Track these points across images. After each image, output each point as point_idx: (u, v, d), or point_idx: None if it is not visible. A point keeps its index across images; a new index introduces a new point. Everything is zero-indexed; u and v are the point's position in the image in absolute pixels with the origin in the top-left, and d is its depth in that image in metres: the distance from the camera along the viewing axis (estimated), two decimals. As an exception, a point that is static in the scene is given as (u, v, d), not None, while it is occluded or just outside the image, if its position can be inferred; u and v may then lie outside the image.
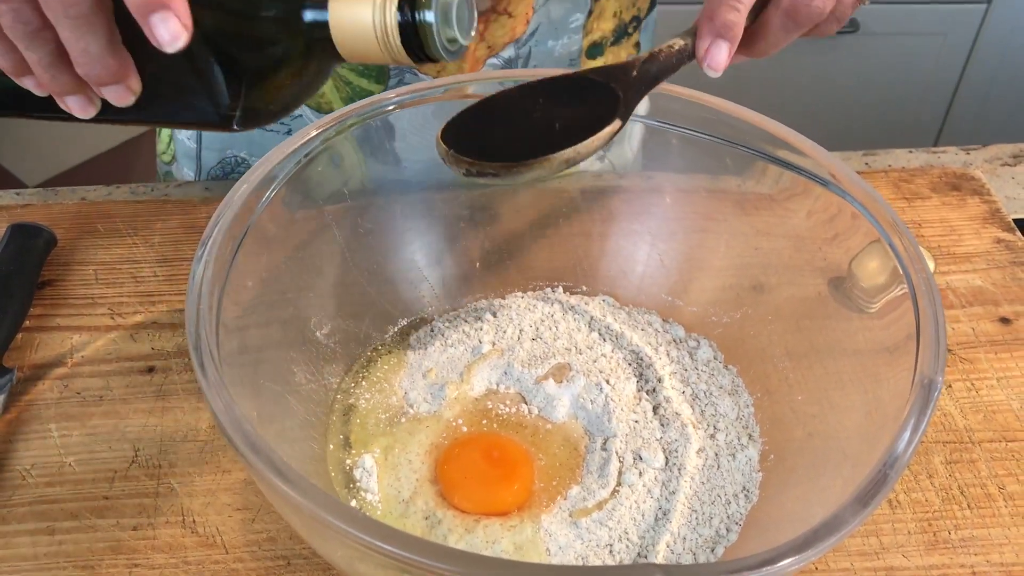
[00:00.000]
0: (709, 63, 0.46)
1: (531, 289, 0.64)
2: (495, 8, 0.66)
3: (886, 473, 0.40)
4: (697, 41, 0.47)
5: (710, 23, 0.46)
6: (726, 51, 0.46)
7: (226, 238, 0.49)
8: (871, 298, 0.53)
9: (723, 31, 0.46)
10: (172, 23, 0.36)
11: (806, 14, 0.47)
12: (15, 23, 0.37)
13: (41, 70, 0.39)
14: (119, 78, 0.39)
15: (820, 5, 0.46)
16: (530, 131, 0.48)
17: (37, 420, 0.58)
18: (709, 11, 0.46)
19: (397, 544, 0.37)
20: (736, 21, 0.46)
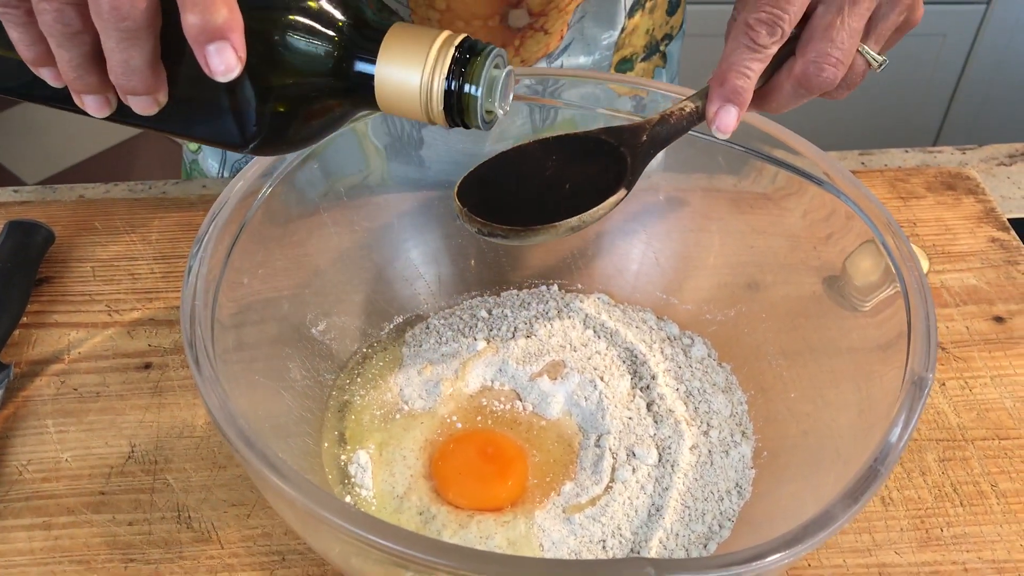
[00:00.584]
0: (718, 126, 0.47)
1: (526, 287, 0.65)
2: (532, 25, 0.67)
3: (876, 469, 0.41)
4: (708, 104, 0.48)
5: (720, 88, 0.47)
6: (735, 115, 0.47)
7: (222, 235, 0.49)
8: (864, 297, 0.53)
9: (732, 96, 0.47)
10: (228, 55, 0.36)
11: (817, 83, 0.47)
12: (55, 23, 0.36)
13: (69, 69, 0.38)
14: (151, 91, 0.38)
15: (831, 76, 0.47)
16: (541, 190, 0.50)
17: (34, 416, 0.59)
18: (720, 75, 0.47)
19: (391, 539, 0.38)
20: (745, 87, 0.47)
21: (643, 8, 0.72)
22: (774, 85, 0.49)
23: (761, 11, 0.46)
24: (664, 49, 0.78)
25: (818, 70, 0.47)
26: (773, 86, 0.49)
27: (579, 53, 0.71)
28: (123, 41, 0.36)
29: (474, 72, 0.39)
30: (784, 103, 0.50)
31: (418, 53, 0.39)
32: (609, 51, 0.72)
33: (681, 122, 0.49)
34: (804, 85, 0.48)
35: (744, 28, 0.46)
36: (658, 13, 0.75)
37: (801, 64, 0.47)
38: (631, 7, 0.71)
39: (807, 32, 0.47)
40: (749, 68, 0.47)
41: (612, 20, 0.71)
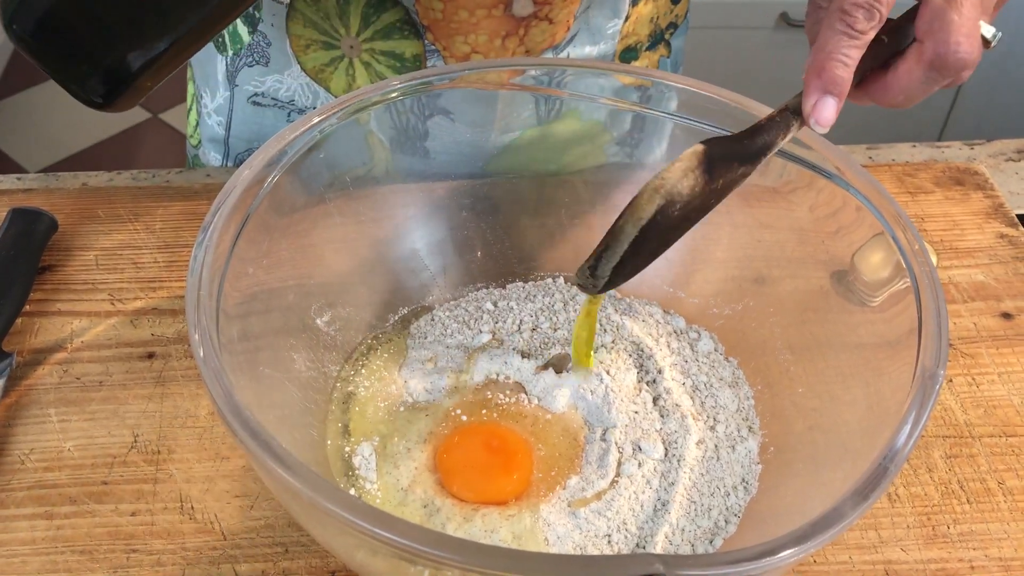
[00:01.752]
0: (817, 119, 0.45)
1: (532, 279, 0.64)
2: (536, 15, 0.66)
3: (886, 467, 0.40)
4: (804, 98, 0.45)
5: (818, 79, 0.44)
6: (834, 107, 0.44)
7: (227, 224, 0.49)
8: (873, 291, 0.53)
9: (831, 87, 0.44)
10: None
11: (954, 63, 0.44)
12: None
13: None
14: None
15: (966, 53, 0.43)
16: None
17: (36, 405, 0.58)
18: (817, 66, 0.44)
19: (396, 532, 0.37)
20: (844, 77, 0.44)
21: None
22: (902, 73, 0.45)
23: None
24: (669, 39, 0.78)
25: (955, 47, 0.43)
26: (900, 75, 0.46)
27: (584, 43, 0.71)
28: None
29: None
30: (915, 92, 0.46)
31: None
32: (614, 40, 0.72)
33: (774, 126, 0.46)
34: (939, 68, 0.44)
35: (839, 14, 0.43)
36: (662, 1, 0.74)
37: (932, 46, 0.44)
38: None
39: (926, 14, 0.44)
40: (847, 55, 0.44)
41: (616, 8, 0.70)
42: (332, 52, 0.70)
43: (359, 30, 0.68)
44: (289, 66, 0.71)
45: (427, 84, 0.57)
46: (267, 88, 0.73)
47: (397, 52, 0.69)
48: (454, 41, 0.68)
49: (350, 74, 0.71)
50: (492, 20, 0.66)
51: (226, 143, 0.78)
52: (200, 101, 0.79)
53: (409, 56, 0.69)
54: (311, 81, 0.72)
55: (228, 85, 0.75)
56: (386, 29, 0.68)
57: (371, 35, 0.68)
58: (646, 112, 0.60)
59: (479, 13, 0.66)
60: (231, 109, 0.76)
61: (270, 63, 0.72)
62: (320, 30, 0.69)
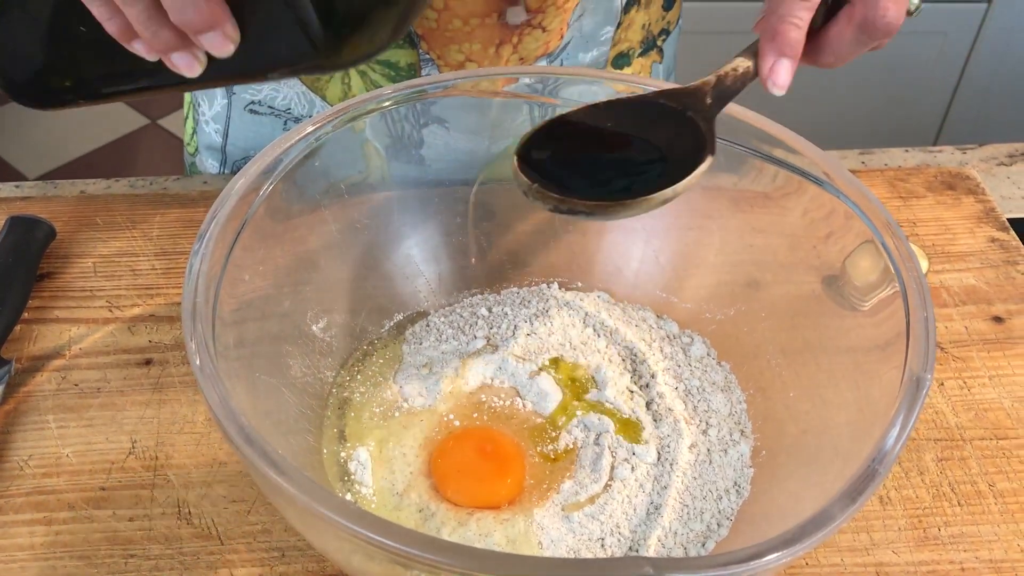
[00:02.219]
0: (774, 81, 0.46)
1: (526, 285, 0.65)
2: (530, 23, 0.67)
3: (875, 469, 0.41)
4: (760, 61, 0.46)
5: (772, 42, 0.46)
6: (789, 69, 0.46)
7: (223, 232, 0.49)
8: (863, 296, 0.53)
9: (786, 49, 0.45)
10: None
11: (882, 26, 0.46)
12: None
13: (142, 27, 0.39)
14: (214, 23, 0.39)
15: (894, 16, 0.45)
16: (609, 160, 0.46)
17: (35, 411, 0.59)
18: (771, 29, 0.46)
19: (391, 536, 0.38)
20: (799, 39, 0.45)
21: (638, 3, 0.72)
22: (833, 35, 0.47)
23: None
24: (661, 45, 0.78)
25: (883, 11, 0.45)
26: (832, 36, 0.47)
27: (578, 50, 0.71)
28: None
29: None
30: (845, 53, 0.48)
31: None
32: (606, 46, 0.73)
33: (736, 82, 0.47)
34: (867, 30, 0.46)
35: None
36: (654, 8, 0.75)
37: (862, 9, 0.46)
38: (627, 2, 0.71)
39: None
40: (799, 18, 0.45)
41: (609, 15, 0.71)
42: None
43: None
44: None
45: (421, 92, 0.58)
46: (264, 96, 0.74)
47: (392, 61, 0.69)
48: (448, 50, 0.68)
49: (345, 83, 0.71)
50: (486, 29, 0.67)
51: (223, 151, 0.79)
52: (197, 109, 0.79)
53: (404, 65, 0.70)
54: (307, 90, 0.72)
55: (226, 93, 0.75)
56: None
57: None
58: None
59: (473, 22, 0.66)
60: (228, 117, 0.76)
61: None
62: None
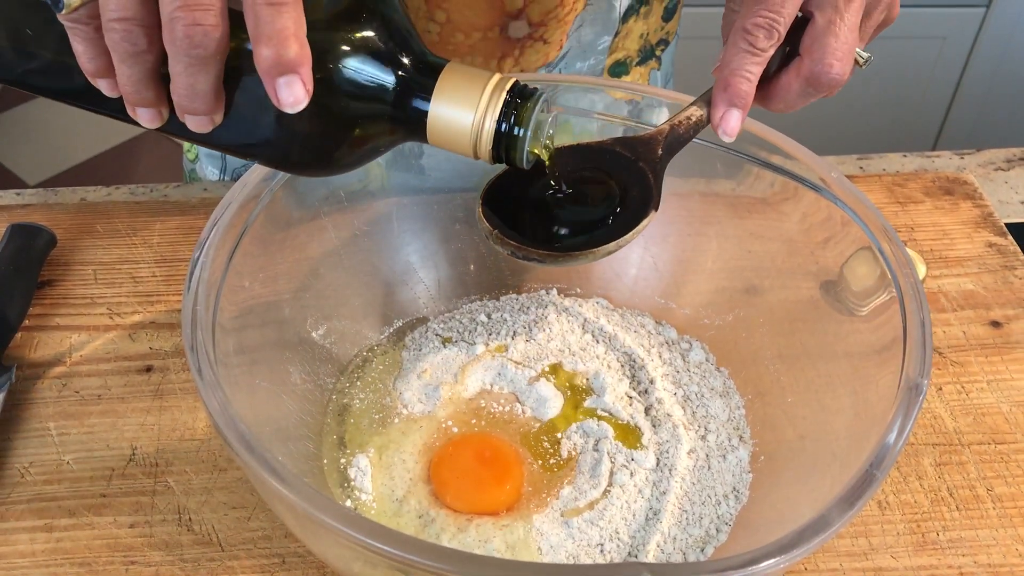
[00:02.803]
0: (724, 130, 0.49)
1: (525, 291, 0.65)
2: (531, 36, 0.67)
3: (872, 474, 0.41)
4: (712, 110, 0.49)
5: (724, 92, 0.48)
6: (739, 118, 0.49)
7: (223, 239, 0.50)
8: (861, 302, 0.53)
9: (736, 100, 0.48)
10: (297, 88, 0.37)
11: (827, 81, 0.48)
12: (122, 41, 0.37)
13: (128, 84, 0.39)
14: (210, 112, 0.39)
15: (839, 72, 0.48)
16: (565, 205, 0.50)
17: (36, 418, 0.59)
18: (723, 81, 0.48)
19: (391, 543, 0.38)
20: (748, 91, 0.48)
21: (637, 13, 0.72)
22: (782, 85, 0.50)
23: (758, 16, 0.47)
24: (659, 55, 0.79)
25: (827, 68, 0.48)
26: (781, 86, 0.50)
27: (575, 60, 0.72)
28: (192, 67, 0.37)
29: (524, 116, 0.41)
30: (792, 102, 0.51)
31: (471, 94, 0.41)
32: (603, 55, 0.73)
33: (688, 131, 0.50)
34: (813, 84, 0.49)
35: (742, 33, 0.47)
36: (653, 18, 0.75)
37: (809, 64, 0.48)
38: (625, 12, 0.71)
39: (810, 33, 0.48)
40: (750, 72, 0.48)
41: (608, 25, 0.71)
42: None
43: None
44: None
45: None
46: None
47: None
48: None
49: None
50: (488, 42, 0.67)
51: (223, 158, 0.79)
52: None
53: None
54: None
55: None
56: None
57: None
58: (637, 126, 0.61)
59: (475, 36, 0.66)
60: None
61: None
62: None
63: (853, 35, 0.48)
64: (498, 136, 0.41)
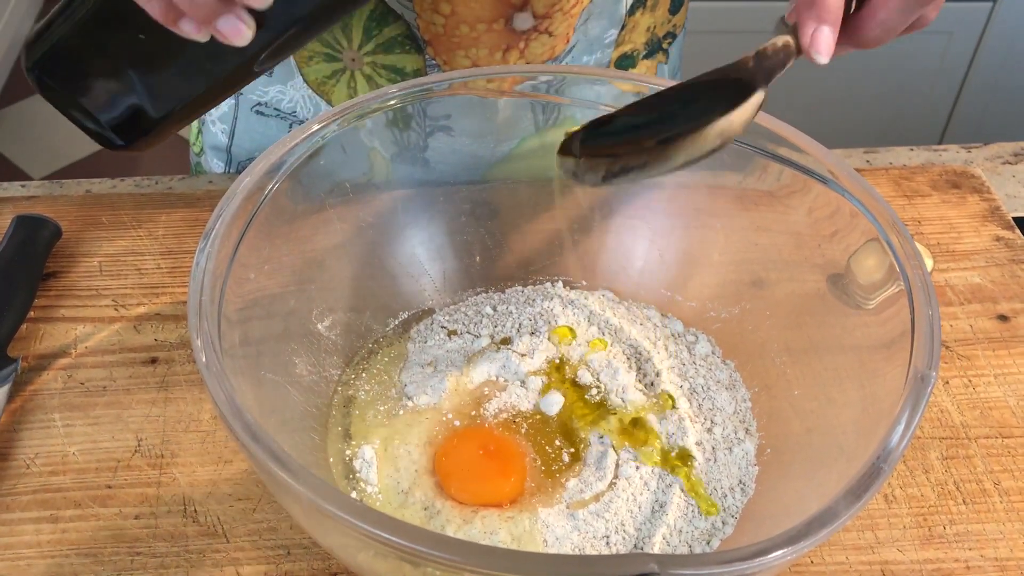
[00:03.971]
0: (816, 48, 0.45)
1: (531, 283, 0.65)
2: (536, 28, 0.67)
3: (879, 466, 0.41)
4: (801, 30, 0.45)
5: (810, 9, 0.45)
6: (831, 36, 0.45)
7: (229, 230, 0.49)
8: (868, 295, 0.53)
9: (825, 15, 0.45)
10: None
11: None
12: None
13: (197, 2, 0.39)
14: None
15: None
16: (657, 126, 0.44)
17: (41, 410, 0.59)
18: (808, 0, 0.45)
19: (398, 534, 0.38)
20: (838, 4, 0.45)
21: (644, 6, 0.72)
22: (878, 4, 0.46)
23: None
24: (666, 48, 0.78)
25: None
26: (877, 5, 0.46)
27: (582, 53, 0.72)
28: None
29: None
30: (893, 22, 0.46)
31: None
32: (610, 49, 0.73)
33: (778, 55, 0.45)
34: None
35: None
36: (660, 11, 0.75)
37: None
38: (632, 5, 0.71)
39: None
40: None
41: (614, 18, 0.71)
42: (334, 64, 0.70)
43: (361, 43, 0.69)
44: (292, 77, 0.72)
45: (426, 91, 0.58)
46: (270, 98, 0.74)
47: (398, 67, 0.69)
48: (455, 56, 0.68)
49: (352, 87, 0.71)
50: (493, 34, 0.67)
51: (229, 151, 0.79)
52: (202, 109, 0.79)
53: (410, 71, 0.70)
54: (313, 93, 0.72)
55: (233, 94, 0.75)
56: (387, 43, 0.69)
57: (373, 48, 0.69)
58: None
59: (480, 27, 0.66)
60: (235, 118, 0.76)
61: (273, 73, 0.72)
62: (323, 42, 0.69)
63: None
64: None
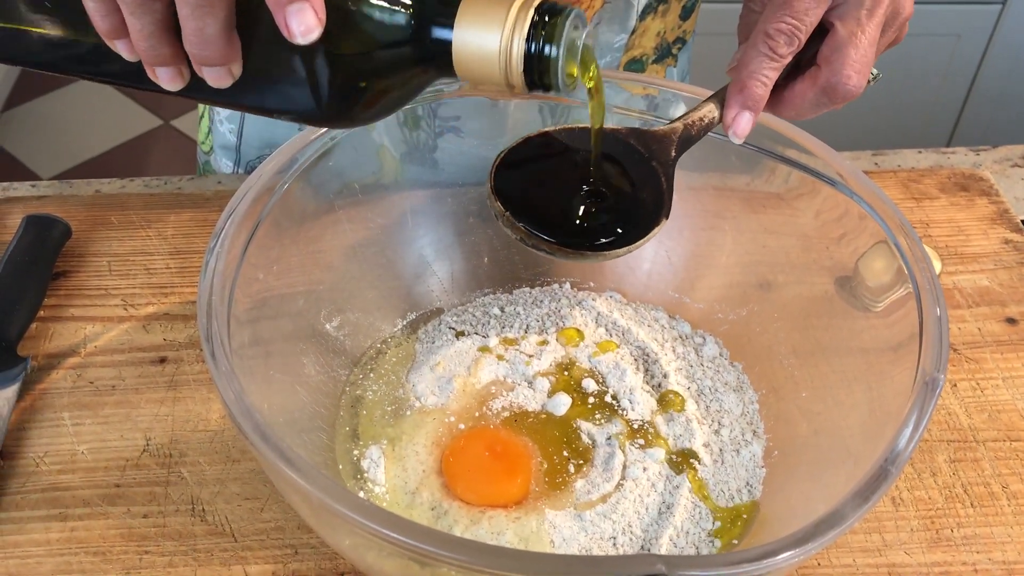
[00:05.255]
0: (735, 131, 0.49)
1: (538, 284, 0.65)
2: None
3: (887, 469, 0.41)
4: (725, 111, 0.49)
5: (739, 95, 0.48)
6: (750, 121, 0.49)
7: (238, 231, 0.50)
8: (876, 297, 0.53)
9: (750, 104, 0.48)
10: (308, 16, 0.35)
11: (843, 92, 0.48)
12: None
13: (141, 39, 0.38)
14: (225, 61, 0.38)
15: (856, 85, 0.48)
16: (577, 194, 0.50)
17: (50, 408, 0.59)
18: (740, 83, 0.48)
19: (406, 533, 0.38)
20: (763, 95, 0.48)
21: (655, 11, 0.72)
22: (796, 93, 0.50)
23: (780, 22, 0.47)
24: (676, 53, 0.78)
25: (846, 80, 0.48)
26: (795, 94, 0.50)
27: None
28: (198, 8, 0.36)
29: (554, 33, 0.39)
30: (804, 111, 0.51)
31: (496, 16, 0.38)
32: (619, 53, 0.73)
33: (701, 130, 0.51)
34: (829, 95, 0.49)
35: (763, 37, 0.47)
36: (671, 17, 0.75)
37: (827, 74, 0.48)
38: (643, 10, 0.71)
39: (829, 44, 0.48)
40: (766, 76, 0.48)
41: (625, 24, 0.71)
42: None
43: None
44: None
45: (437, 92, 0.58)
46: None
47: None
48: None
49: None
50: None
51: (238, 150, 0.79)
52: (212, 108, 0.80)
53: None
54: None
55: None
56: None
57: None
58: (653, 120, 0.61)
59: None
60: (243, 117, 0.77)
61: None
62: None
63: (872, 49, 0.48)
64: (529, 59, 0.39)
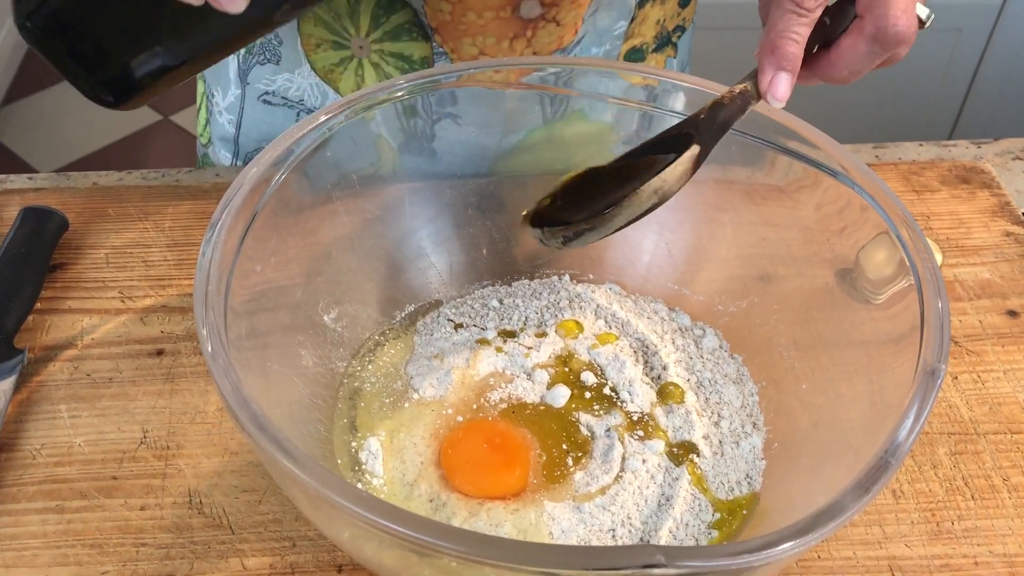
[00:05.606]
0: (773, 94, 0.47)
1: (537, 277, 0.65)
2: (544, 16, 0.67)
3: (887, 460, 0.41)
4: (760, 75, 0.48)
5: (771, 56, 0.47)
6: (788, 82, 0.47)
7: (235, 222, 0.49)
8: (878, 289, 0.53)
9: (784, 63, 0.47)
10: None
11: (893, 36, 0.47)
12: None
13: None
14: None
15: (905, 26, 0.46)
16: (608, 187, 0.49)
17: (47, 401, 0.59)
18: (770, 44, 0.47)
19: (405, 524, 0.38)
20: (796, 53, 0.47)
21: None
22: (846, 48, 0.48)
23: None
24: (675, 41, 0.78)
25: (893, 21, 0.46)
26: (845, 49, 0.48)
27: (591, 45, 0.71)
28: None
29: None
30: (858, 66, 0.49)
31: None
32: (619, 41, 0.72)
33: (735, 102, 0.49)
34: (880, 40, 0.47)
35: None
36: (670, 4, 0.74)
37: (872, 20, 0.47)
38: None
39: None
40: (798, 33, 0.47)
41: (624, 10, 0.71)
42: (342, 52, 0.70)
43: (368, 30, 0.69)
44: (299, 65, 0.72)
45: (435, 82, 0.58)
46: (278, 87, 0.74)
47: (405, 54, 0.69)
48: (462, 43, 0.68)
49: (359, 75, 0.71)
50: (500, 22, 0.67)
51: (236, 142, 0.79)
52: (211, 100, 0.80)
53: (417, 58, 0.70)
54: (320, 81, 0.72)
55: (240, 83, 0.75)
56: (395, 30, 0.68)
57: (380, 36, 0.69)
58: (653, 111, 0.60)
59: (487, 15, 0.66)
60: (242, 107, 0.76)
61: (281, 61, 0.72)
62: (331, 29, 0.69)
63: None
64: None
